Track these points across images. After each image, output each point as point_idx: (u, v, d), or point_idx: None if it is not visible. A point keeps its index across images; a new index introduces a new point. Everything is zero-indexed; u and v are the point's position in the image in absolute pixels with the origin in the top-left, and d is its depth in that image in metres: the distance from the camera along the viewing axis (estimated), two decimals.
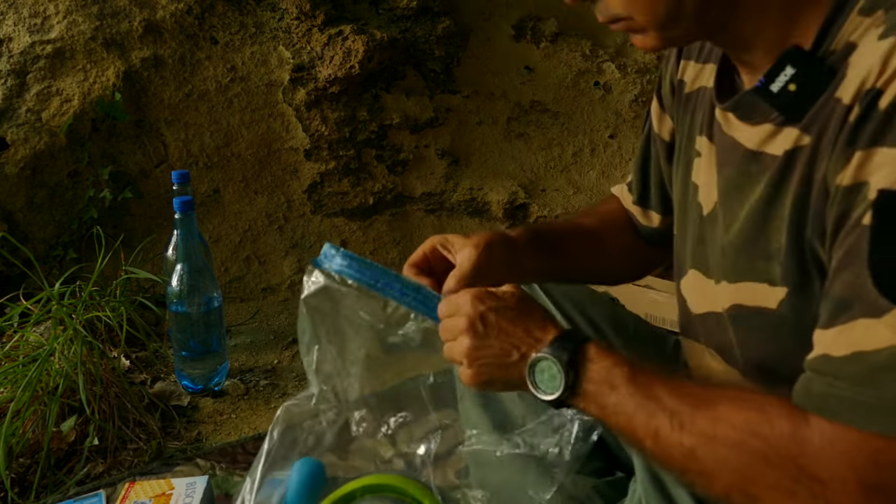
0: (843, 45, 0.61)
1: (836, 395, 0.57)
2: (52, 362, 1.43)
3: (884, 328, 0.55)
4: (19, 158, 2.07)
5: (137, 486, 1.21)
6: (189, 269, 1.57)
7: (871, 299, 0.56)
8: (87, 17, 2.18)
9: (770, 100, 0.66)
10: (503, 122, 2.55)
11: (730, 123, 0.74)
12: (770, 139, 0.68)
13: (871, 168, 0.57)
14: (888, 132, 0.56)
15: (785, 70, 0.64)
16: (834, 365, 0.58)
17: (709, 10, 0.66)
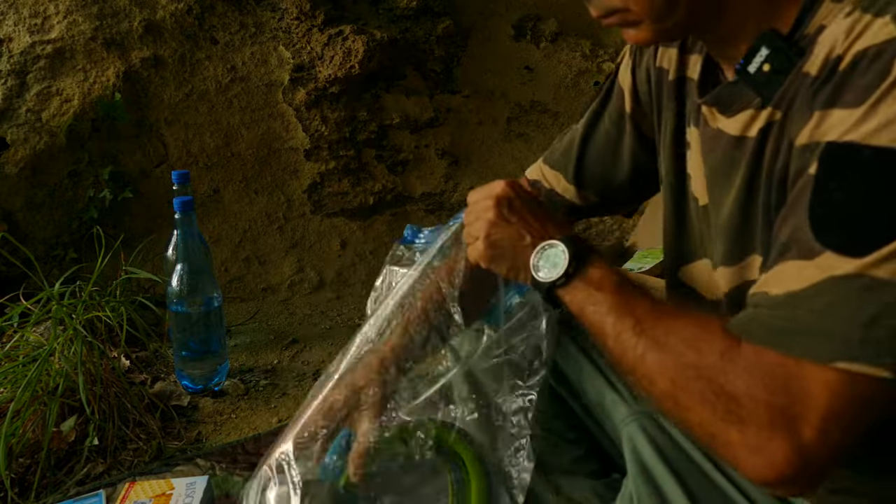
0: (815, 28, 0.64)
1: (757, 320, 0.62)
2: (52, 362, 1.43)
3: (813, 269, 0.58)
4: (19, 158, 2.07)
5: (137, 486, 1.21)
6: (189, 269, 1.57)
7: (807, 243, 0.59)
8: (87, 17, 2.18)
9: (747, 80, 0.69)
10: (503, 122, 2.55)
11: (714, 117, 0.76)
12: (750, 123, 0.71)
13: (825, 128, 0.60)
14: (842, 93, 0.59)
15: (760, 51, 0.67)
16: (768, 299, 0.62)
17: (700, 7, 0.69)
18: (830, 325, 0.57)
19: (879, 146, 0.56)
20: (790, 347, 0.58)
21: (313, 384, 1.62)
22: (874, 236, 0.56)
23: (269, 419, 1.56)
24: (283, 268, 2.27)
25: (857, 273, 0.56)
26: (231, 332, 1.94)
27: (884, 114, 0.56)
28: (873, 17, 0.59)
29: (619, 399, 0.97)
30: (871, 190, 0.57)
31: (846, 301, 0.56)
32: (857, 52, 0.59)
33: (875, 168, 0.56)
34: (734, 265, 0.76)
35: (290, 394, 1.67)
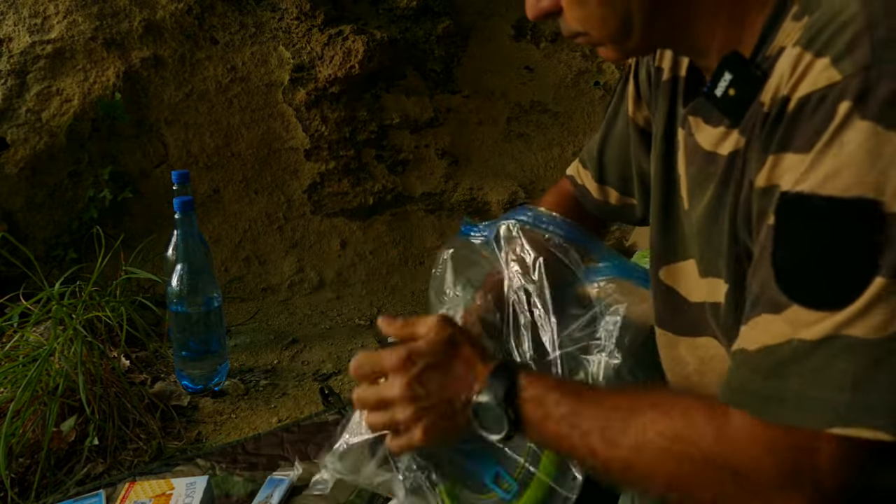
0: (776, 49, 0.63)
1: (749, 389, 0.61)
2: (52, 362, 1.43)
3: (782, 323, 0.58)
4: (19, 158, 2.07)
5: (137, 486, 1.21)
6: (189, 269, 1.57)
7: (773, 296, 0.59)
8: (87, 17, 2.18)
9: (715, 104, 0.69)
10: (503, 122, 2.55)
11: (697, 125, 0.76)
12: (722, 141, 0.71)
13: (779, 172, 0.60)
14: (792, 138, 0.59)
15: (724, 76, 0.67)
16: (747, 358, 0.61)
17: (657, 22, 0.69)
18: (818, 392, 0.56)
19: (832, 196, 0.56)
20: (781, 417, 0.58)
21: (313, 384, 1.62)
22: (841, 291, 0.56)
23: (269, 419, 1.56)
24: (283, 268, 2.27)
25: (832, 334, 0.56)
26: (231, 332, 1.94)
27: (831, 162, 0.56)
28: (814, 58, 0.58)
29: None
30: (825, 241, 0.57)
31: (830, 366, 0.56)
32: (801, 97, 0.58)
33: (830, 218, 0.56)
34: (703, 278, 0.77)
35: (290, 394, 1.67)
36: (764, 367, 0.60)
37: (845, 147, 0.55)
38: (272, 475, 1.26)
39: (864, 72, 0.55)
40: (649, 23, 0.69)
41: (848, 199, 0.55)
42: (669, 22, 0.70)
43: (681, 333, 0.84)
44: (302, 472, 1.25)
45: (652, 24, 0.69)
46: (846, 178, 0.55)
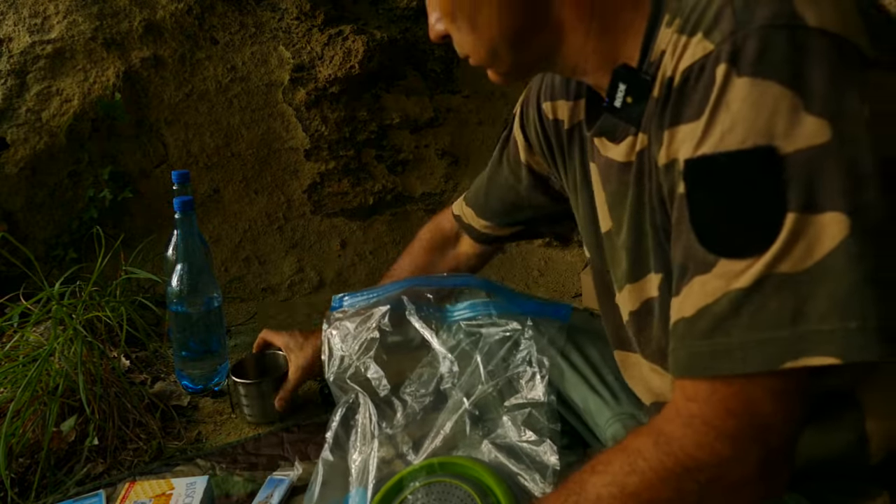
0: (657, 54, 0.69)
1: (696, 353, 0.63)
2: (52, 362, 1.43)
3: (714, 279, 0.61)
4: (19, 158, 2.07)
5: (137, 486, 1.21)
6: (189, 269, 1.57)
7: (700, 257, 0.62)
8: (87, 17, 2.18)
9: (617, 115, 0.74)
10: (503, 123, 2.55)
11: (604, 145, 0.80)
12: (632, 149, 0.75)
13: (676, 145, 0.64)
14: (681, 110, 0.63)
15: (619, 87, 0.72)
16: (687, 325, 0.63)
17: (524, 50, 0.75)
18: (761, 334, 0.59)
19: (731, 150, 0.59)
20: (732, 368, 0.60)
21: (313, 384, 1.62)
22: (760, 235, 0.59)
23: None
24: (283, 268, 2.27)
25: (762, 276, 0.58)
26: (231, 332, 1.94)
27: (723, 121, 0.60)
28: (688, 38, 0.63)
29: (601, 403, 1.02)
30: (739, 192, 0.60)
31: (765, 306, 0.58)
32: (683, 69, 0.63)
33: (735, 171, 0.60)
34: (634, 283, 0.79)
35: None
36: (705, 328, 0.62)
37: (731, 105, 0.59)
38: (272, 475, 1.26)
39: (731, 36, 0.60)
40: (517, 50, 0.74)
41: (746, 149, 0.59)
42: (538, 48, 0.75)
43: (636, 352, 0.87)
44: (302, 472, 1.25)
45: (519, 50, 0.75)
46: (740, 132, 0.59)
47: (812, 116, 0.57)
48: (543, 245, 2.43)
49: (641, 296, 0.79)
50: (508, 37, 0.73)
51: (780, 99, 0.58)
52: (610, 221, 0.84)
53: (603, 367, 1.07)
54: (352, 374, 1.06)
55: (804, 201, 0.57)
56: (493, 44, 0.74)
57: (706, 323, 0.61)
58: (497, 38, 0.74)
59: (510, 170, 1.10)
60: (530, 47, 0.75)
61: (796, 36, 0.58)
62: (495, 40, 0.74)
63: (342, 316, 1.11)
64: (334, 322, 1.11)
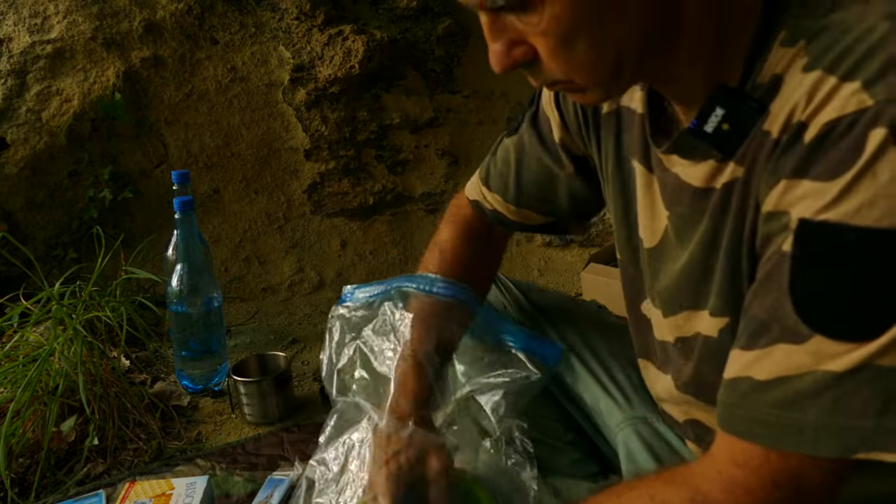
0: (769, 77, 0.61)
1: (762, 420, 0.59)
2: (52, 362, 1.43)
3: (804, 355, 0.57)
4: (19, 158, 2.07)
5: (137, 486, 1.21)
6: (189, 269, 1.57)
7: (792, 325, 0.57)
8: (87, 17, 2.18)
9: (706, 140, 0.66)
10: (503, 122, 2.55)
11: (671, 160, 0.73)
12: (715, 175, 0.68)
13: (793, 198, 0.57)
14: (811, 165, 0.56)
15: (715, 111, 0.64)
16: (757, 387, 0.59)
17: (645, 61, 0.65)
18: (840, 420, 0.56)
19: (864, 227, 0.54)
20: (797, 446, 0.57)
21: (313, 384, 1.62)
22: (872, 322, 0.55)
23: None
24: (283, 268, 2.27)
25: (862, 364, 0.55)
26: (231, 332, 1.94)
27: (864, 193, 0.53)
28: (840, 82, 0.55)
29: (613, 405, 1.00)
30: (861, 273, 0.55)
31: (856, 394, 0.55)
32: (826, 122, 0.55)
33: (862, 250, 0.54)
34: (682, 313, 0.75)
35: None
36: (780, 399, 0.58)
37: (879, 177, 0.53)
38: (272, 475, 1.26)
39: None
40: (640, 61, 0.64)
41: (882, 230, 0.53)
42: (657, 58, 0.65)
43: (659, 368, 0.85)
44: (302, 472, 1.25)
45: (641, 63, 0.65)
46: (881, 209, 0.53)
47: None
48: (543, 245, 2.43)
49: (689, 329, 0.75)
50: (638, 48, 0.63)
51: None
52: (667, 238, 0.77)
53: (615, 367, 1.03)
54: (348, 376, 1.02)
55: None
56: (619, 58, 0.63)
57: (782, 394, 0.58)
58: (627, 51, 0.63)
59: (544, 150, 0.97)
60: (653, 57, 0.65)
61: None
62: (627, 52, 0.63)
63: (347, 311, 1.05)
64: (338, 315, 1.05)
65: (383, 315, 1.01)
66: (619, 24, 0.61)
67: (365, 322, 1.02)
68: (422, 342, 0.96)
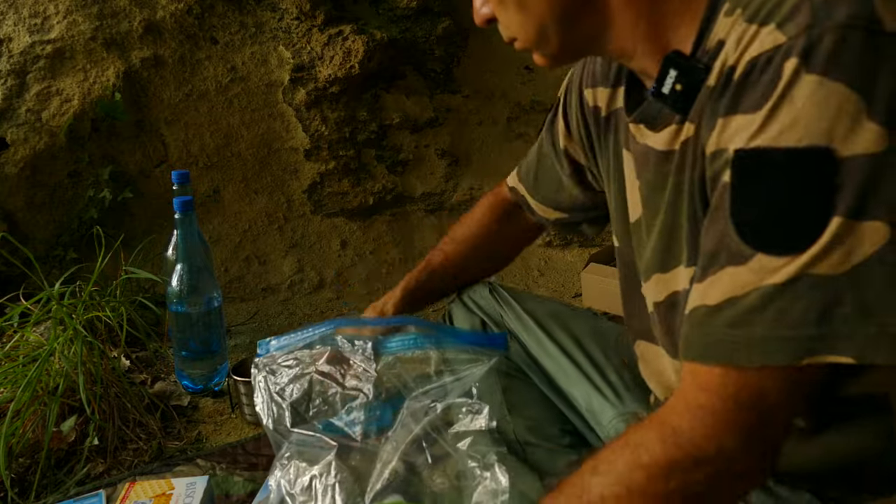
0: (715, 43, 0.68)
1: (715, 340, 0.63)
2: (52, 362, 1.43)
3: (748, 273, 0.61)
4: (19, 158, 2.07)
5: (137, 486, 1.21)
6: (189, 269, 1.57)
7: (735, 248, 0.62)
8: (87, 17, 2.18)
9: (664, 101, 0.72)
10: (503, 122, 2.55)
11: (642, 133, 0.80)
12: (674, 138, 0.74)
13: (729, 133, 0.63)
14: (740, 100, 0.62)
15: (669, 73, 0.71)
16: (710, 312, 0.63)
17: (573, 30, 0.74)
18: (784, 331, 0.59)
19: (788, 147, 0.59)
20: (750, 360, 0.61)
21: None
22: (803, 234, 0.59)
23: None
24: (283, 268, 2.27)
25: (797, 275, 0.59)
26: (231, 332, 1.94)
27: (784, 116, 0.59)
28: (759, 27, 0.62)
29: (605, 403, 1.02)
30: (789, 189, 0.59)
31: (794, 305, 0.59)
32: (749, 59, 0.62)
33: (788, 168, 0.59)
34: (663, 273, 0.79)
35: None
36: (730, 318, 0.62)
37: (795, 101, 0.59)
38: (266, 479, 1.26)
39: (807, 31, 0.58)
40: (565, 30, 0.74)
41: (803, 148, 0.58)
42: (586, 29, 0.74)
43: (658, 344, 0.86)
44: None
45: (568, 31, 0.74)
46: (800, 130, 0.58)
47: (873, 123, 0.57)
48: (543, 245, 2.43)
49: (669, 287, 0.79)
50: (557, 15, 0.73)
51: (846, 102, 0.57)
52: (641, 210, 0.83)
53: (606, 367, 1.06)
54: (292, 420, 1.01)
55: (851, 207, 0.57)
56: (541, 24, 0.73)
57: (732, 313, 0.61)
58: (546, 18, 0.73)
59: (554, 154, 1.09)
60: (579, 27, 0.74)
61: (872, 39, 0.57)
62: (544, 20, 0.73)
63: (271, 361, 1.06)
64: (264, 368, 1.06)
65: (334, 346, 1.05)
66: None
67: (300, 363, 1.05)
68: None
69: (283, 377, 1.05)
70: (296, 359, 1.06)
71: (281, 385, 1.04)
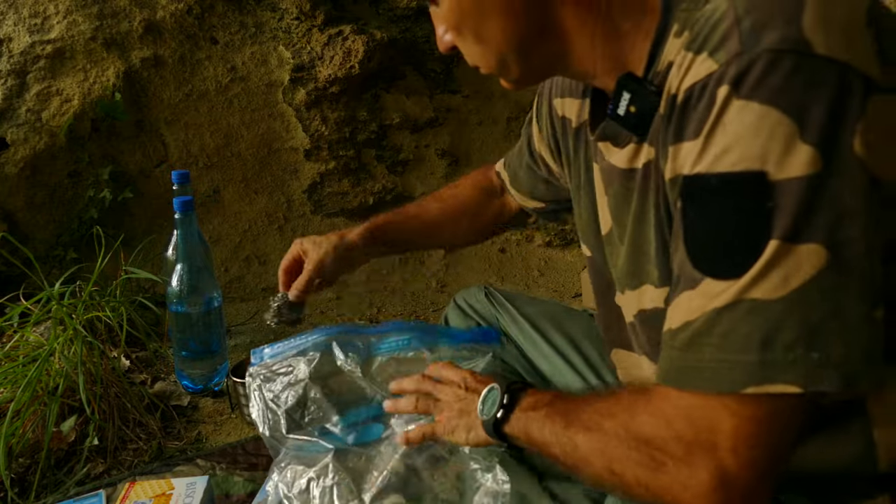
0: (665, 64, 0.68)
1: (673, 366, 0.64)
2: (52, 362, 1.43)
3: (698, 297, 0.62)
4: (19, 158, 2.07)
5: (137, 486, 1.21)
6: (189, 269, 1.57)
7: (689, 273, 0.63)
8: (87, 17, 2.18)
9: (620, 122, 0.74)
10: (503, 122, 2.55)
11: (608, 149, 0.81)
12: (635, 156, 0.76)
13: (680, 161, 0.64)
14: (684, 128, 0.63)
15: (623, 95, 0.72)
16: (672, 336, 0.65)
17: (533, 57, 0.76)
18: (729, 356, 0.60)
19: (723, 172, 0.60)
20: (700, 385, 0.62)
21: None
22: (742, 258, 0.59)
23: None
24: None
25: (736, 299, 0.59)
26: (231, 332, 1.94)
27: (719, 142, 0.60)
28: (695, 55, 0.63)
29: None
30: (723, 215, 0.60)
31: (735, 329, 0.59)
32: (686, 87, 0.63)
33: (725, 193, 0.60)
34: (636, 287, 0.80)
35: None
36: (684, 341, 0.63)
37: (728, 126, 0.60)
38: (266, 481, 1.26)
39: (736, 58, 0.59)
40: (524, 58, 0.76)
41: (737, 172, 0.59)
42: (544, 56, 0.76)
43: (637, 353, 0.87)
44: None
45: (526, 58, 0.76)
46: (734, 155, 0.59)
47: (806, 146, 0.57)
48: (543, 245, 2.43)
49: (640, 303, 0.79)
50: (514, 45, 0.74)
51: (778, 125, 0.57)
52: (611, 223, 0.84)
53: (602, 367, 1.07)
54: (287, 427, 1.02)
55: (787, 230, 0.57)
56: (500, 53, 0.75)
57: (685, 337, 0.63)
58: (504, 48, 0.75)
59: (530, 154, 1.13)
60: (538, 54, 0.76)
61: (801, 63, 0.57)
62: (502, 50, 0.75)
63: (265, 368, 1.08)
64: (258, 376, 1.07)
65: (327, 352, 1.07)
66: (494, 23, 0.73)
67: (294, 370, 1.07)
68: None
69: (277, 385, 1.05)
70: (290, 366, 1.06)
71: (275, 392, 1.04)
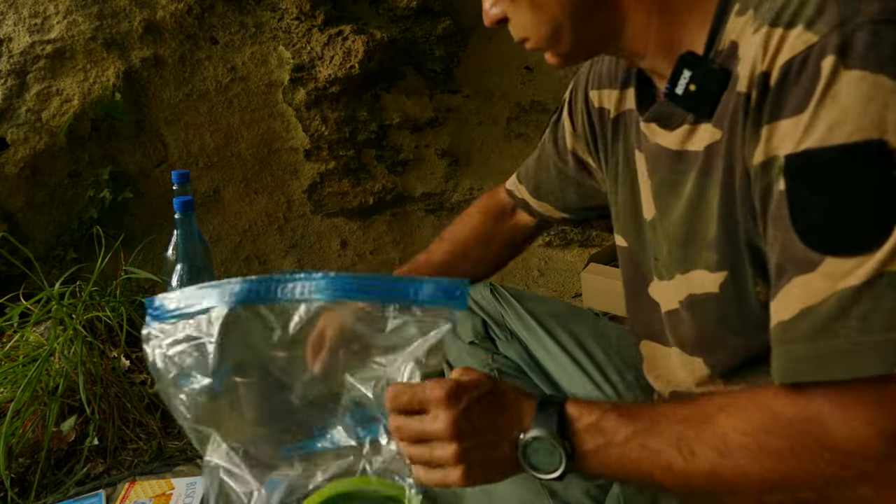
0: (728, 44, 0.68)
1: (799, 358, 0.59)
2: (52, 362, 1.43)
3: (820, 279, 0.58)
4: (19, 158, 2.07)
5: (137, 486, 1.21)
6: (189, 269, 1.56)
7: (802, 256, 0.59)
8: (87, 17, 2.18)
9: (678, 102, 0.73)
10: (503, 122, 2.55)
11: (654, 132, 0.79)
12: (689, 138, 0.74)
13: (776, 141, 0.62)
14: (782, 106, 0.61)
15: (683, 74, 0.71)
16: (787, 328, 0.61)
17: (586, 29, 0.74)
18: (875, 337, 0.56)
19: (840, 144, 0.57)
20: (841, 374, 0.57)
21: None
22: (872, 231, 0.56)
23: None
24: (283, 268, 2.27)
25: (875, 274, 0.56)
26: None
27: (831, 114, 0.58)
28: (785, 30, 0.61)
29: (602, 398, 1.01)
30: (849, 187, 0.58)
31: (878, 307, 0.56)
32: (783, 63, 0.61)
33: (844, 165, 0.58)
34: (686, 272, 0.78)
35: None
36: (810, 330, 0.58)
37: (839, 98, 0.58)
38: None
39: (839, 28, 0.58)
40: (578, 29, 0.74)
41: (854, 143, 0.57)
42: (598, 29, 0.74)
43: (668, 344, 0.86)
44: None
45: (581, 30, 0.74)
46: (849, 126, 0.57)
47: None
48: (543, 245, 2.43)
49: (691, 288, 0.77)
50: (571, 13, 0.72)
51: (891, 93, 0.56)
52: (654, 209, 0.82)
53: (608, 366, 1.06)
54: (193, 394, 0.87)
55: None
56: (555, 22, 0.73)
57: (810, 324, 0.58)
58: (560, 16, 0.73)
59: (559, 155, 1.09)
60: (593, 25, 0.74)
61: None
62: (558, 18, 0.73)
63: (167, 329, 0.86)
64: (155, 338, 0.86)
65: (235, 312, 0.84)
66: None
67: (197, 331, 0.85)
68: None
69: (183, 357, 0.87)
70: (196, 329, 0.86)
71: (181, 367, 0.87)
